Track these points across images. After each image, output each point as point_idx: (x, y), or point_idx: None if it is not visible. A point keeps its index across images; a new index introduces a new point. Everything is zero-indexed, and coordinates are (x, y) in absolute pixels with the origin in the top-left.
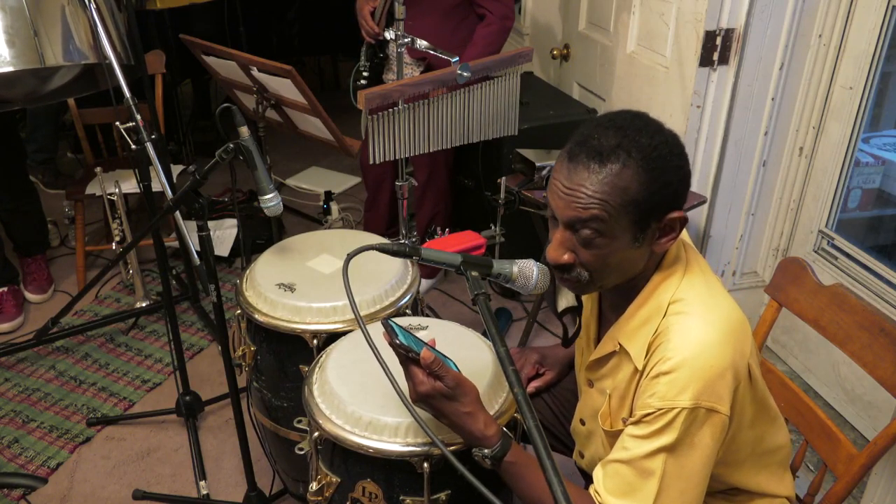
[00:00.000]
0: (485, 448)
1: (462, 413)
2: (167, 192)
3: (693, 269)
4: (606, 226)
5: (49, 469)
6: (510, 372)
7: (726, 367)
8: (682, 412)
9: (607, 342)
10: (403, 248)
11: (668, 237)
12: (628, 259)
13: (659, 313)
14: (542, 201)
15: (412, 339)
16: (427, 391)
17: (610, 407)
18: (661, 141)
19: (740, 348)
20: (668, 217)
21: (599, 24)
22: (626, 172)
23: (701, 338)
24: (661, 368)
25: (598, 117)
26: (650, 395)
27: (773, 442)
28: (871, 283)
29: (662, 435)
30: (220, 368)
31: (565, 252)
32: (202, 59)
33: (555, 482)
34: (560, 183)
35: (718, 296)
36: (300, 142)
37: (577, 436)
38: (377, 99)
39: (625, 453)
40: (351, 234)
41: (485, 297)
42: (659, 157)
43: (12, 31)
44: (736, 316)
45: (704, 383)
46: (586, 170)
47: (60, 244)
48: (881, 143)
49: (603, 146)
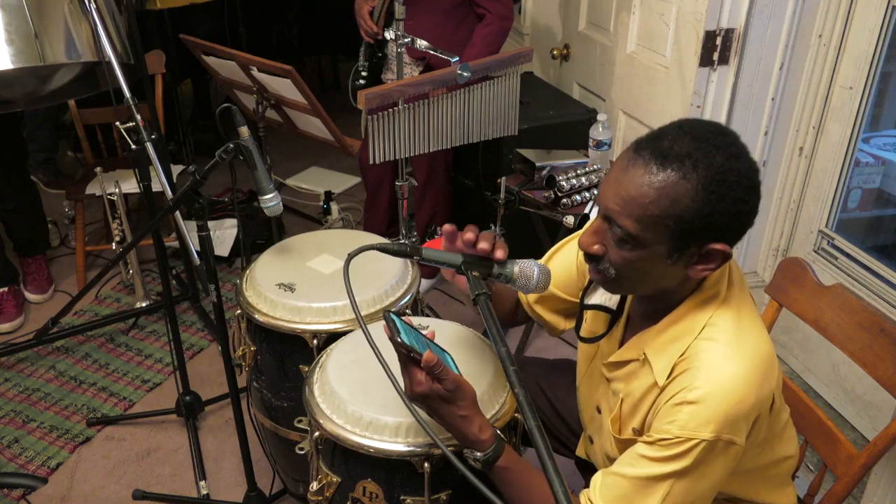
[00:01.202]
0: (477, 451)
1: (458, 416)
2: (167, 192)
3: (733, 296)
4: (641, 231)
5: (49, 469)
6: (511, 372)
7: (752, 404)
8: (701, 443)
9: (631, 348)
10: (404, 248)
11: (705, 266)
12: (658, 273)
13: (691, 334)
14: (542, 201)
15: (413, 334)
16: (424, 392)
17: (620, 411)
18: (735, 167)
19: (768, 382)
20: (711, 246)
21: (599, 24)
22: (682, 185)
23: (731, 372)
24: (685, 397)
25: (683, 119)
26: (670, 422)
27: (781, 454)
28: (871, 283)
29: (675, 461)
30: (220, 368)
31: (596, 242)
32: (202, 59)
33: (556, 482)
34: (615, 171)
35: (752, 326)
36: (300, 142)
37: (592, 422)
38: (377, 99)
39: (630, 469)
40: (351, 234)
41: (486, 297)
42: (724, 183)
43: (11, 29)
44: (766, 349)
45: (728, 419)
46: (644, 168)
47: (60, 244)
48: (881, 143)
49: (671, 150)
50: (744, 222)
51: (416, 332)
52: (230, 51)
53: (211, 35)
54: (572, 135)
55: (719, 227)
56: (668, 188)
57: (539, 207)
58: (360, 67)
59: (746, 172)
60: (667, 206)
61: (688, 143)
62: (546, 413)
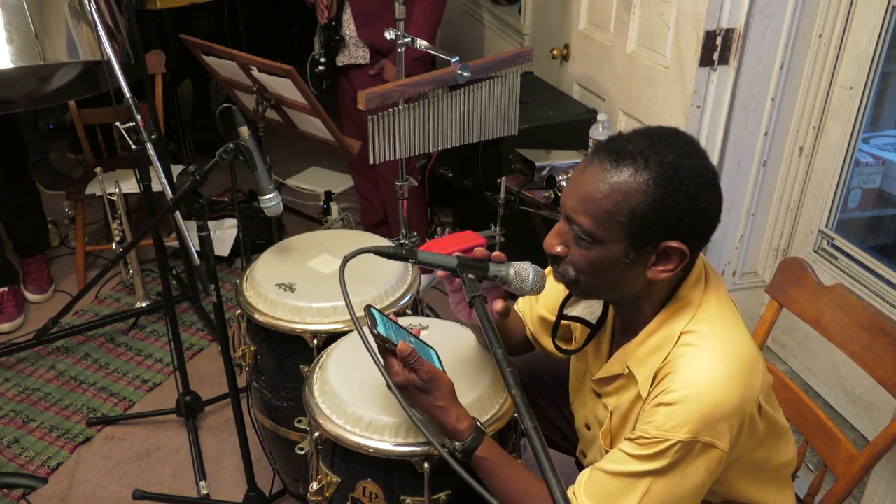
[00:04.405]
0: (456, 441)
1: (435, 406)
2: (167, 192)
3: (710, 301)
4: (597, 227)
5: (49, 469)
6: (508, 374)
7: (732, 407)
8: (676, 444)
9: (615, 363)
10: (400, 250)
11: (664, 267)
12: (618, 274)
13: (670, 342)
14: (542, 201)
15: (393, 328)
16: (401, 382)
17: (611, 425)
18: (687, 164)
19: (750, 386)
20: (666, 244)
21: (599, 24)
22: (634, 179)
23: (708, 374)
24: (663, 399)
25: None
26: (648, 422)
27: (779, 459)
28: (871, 283)
29: (653, 461)
30: (220, 368)
31: (559, 244)
32: (202, 59)
33: (553, 482)
34: (575, 173)
35: (732, 330)
36: (300, 142)
37: (583, 438)
38: (377, 99)
39: (612, 465)
40: (351, 234)
41: (481, 300)
42: (674, 178)
43: (11, 28)
44: (748, 352)
45: (705, 421)
46: (599, 166)
47: (60, 244)
48: (881, 143)
49: (625, 148)
50: (699, 220)
51: (396, 326)
52: (230, 51)
53: (211, 35)
54: (572, 135)
55: (671, 222)
56: (620, 184)
57: (539, 207)
58: (316, 55)
59: (699, 170)
60: (619, 201)
61: (642, 142)
62: (549, 410)
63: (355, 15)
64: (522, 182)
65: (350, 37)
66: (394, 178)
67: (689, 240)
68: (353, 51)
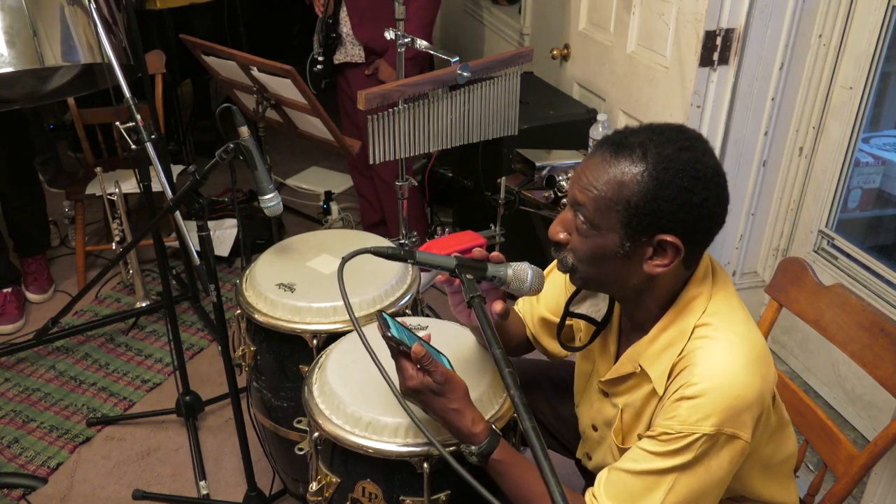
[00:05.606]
0: (472, 445)
1: (449, 409)
2: (167, 192)
3: (719, 294)
4: (595, 215)
5: (49, 469)
6: (506, 374)
7: (754, 397)
8: (701, 437)
9: (626, 362)
10: (398, 251)
11: (659, 260)
12: (615, 266)
13: (683, 337)
14: (542, 201)
15: (405, 333)
16: (416, 386)
17: (622, 422)
18: (684, 157)
19: (767, 376)
20: (661, 237)
21: (599, 24)
22: (630, 170)
23: (728, 365)
24: (684, 393)
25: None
26: (670, 418)
27: (784, 453)
28: (871, 283)
29: (678, 456)
30: (220, 368)
31: (562, 231)
32: (202, 59)
33: (552, 482)
34: (581, 164)
35: (744, 322)
36: (300, 142)
37: (588, 440)
38: (377, 99)
39: (633, 465)
40: (351, 234)
41: (480, 300)
42: (668, 170)
43: (12, 32)
44: (761, 343)
45: (728, 413)
46: (600, 157)
47: (60, 244)
48: (881, 143)
49: (626, 140)
50: (694, 215)
51: (409, 331)
52: (230, 51)
53: (211, 35)
54: (572, 135)
55: (664, 215)
56: (618, 173)
57: (539, 207)
58: (315, 54)
59: (694, 164)
60: (616, 190)
61: (643, 135)
62: (546, 415)
63: (350, 12)
64: (522, 182)
65: (346, 34)
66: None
67: (685, 235)
68: (349, 49)
